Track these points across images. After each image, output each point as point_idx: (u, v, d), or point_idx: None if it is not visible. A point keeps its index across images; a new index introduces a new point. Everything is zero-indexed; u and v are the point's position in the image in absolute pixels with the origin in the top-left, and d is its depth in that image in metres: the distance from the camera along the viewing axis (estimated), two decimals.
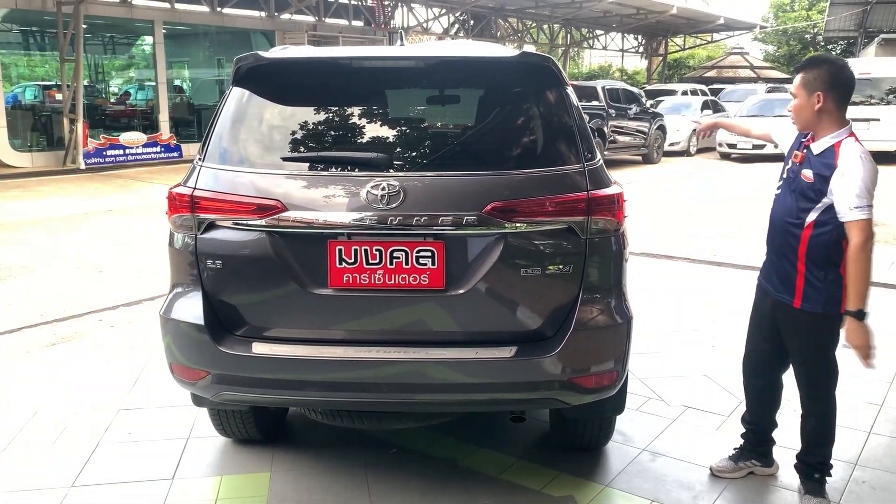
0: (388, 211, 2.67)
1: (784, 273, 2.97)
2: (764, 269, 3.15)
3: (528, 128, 2.87)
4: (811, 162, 2.88)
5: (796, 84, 2.87)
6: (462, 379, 2.74)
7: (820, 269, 2.87)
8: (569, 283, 2.76)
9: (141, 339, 5.24)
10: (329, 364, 2.75)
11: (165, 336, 2.95)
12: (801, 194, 2.89)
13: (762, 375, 3.25)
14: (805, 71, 2.86)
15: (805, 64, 2.90)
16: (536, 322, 2.78)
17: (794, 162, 2.97)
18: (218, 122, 2.93)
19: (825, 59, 2.89)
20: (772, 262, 3.07)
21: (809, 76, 2.84)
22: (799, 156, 2.94)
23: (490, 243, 2.71)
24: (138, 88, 21.39)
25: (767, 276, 3.11)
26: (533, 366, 2.72)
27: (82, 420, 3.96)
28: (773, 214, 3.06)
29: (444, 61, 2.94)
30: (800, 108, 2.88)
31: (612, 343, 2.83)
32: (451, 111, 2.99)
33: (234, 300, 2.85)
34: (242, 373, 2.80)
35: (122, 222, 10.22)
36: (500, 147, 2.86)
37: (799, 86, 2.86)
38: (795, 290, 2.93)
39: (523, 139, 2.88)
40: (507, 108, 2.91)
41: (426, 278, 2.71)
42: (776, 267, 3.02)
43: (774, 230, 3.01)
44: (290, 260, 2.76)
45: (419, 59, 2.93)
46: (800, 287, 2.91)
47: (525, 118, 2.88)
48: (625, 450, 3.63)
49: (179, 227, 2.89)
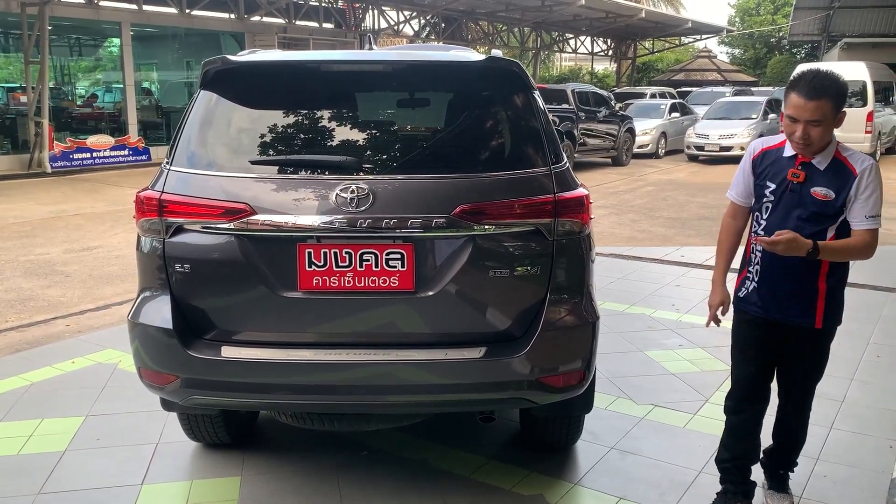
0: (358, 214, 2.69)
1: (802, 297, 2.83)
2: (764, 300, 2.89)
3: (496, 131, 2.91)
4: (820, 178, 2.73)
5: (825, 112, 2.62)
6: (432, 380, 2.76)
7: (838, 282, 2.84)
8: (536, 284, 2.80)
9: (109, 343, 5.19)
10: (299, 367, 2.76)
11: (134, 340, 2.93)
12: (815, 214, 2.74)
13: (757, 403, 3.06)
14: (829, 98, 2.63)
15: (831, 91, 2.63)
16: (505, 323, 2.82)
17: (795, 182, 2.76)
18: (186, 126, 2.93)
19: (833, 77, 2.67)
20: (782, 290, 2.85)
21: (837, 101, 2.65)
22: (800, 175, 2.75)
23: (459, 245, 2.75)
24: (106, 91, 21.10)
25: (776, 305, 2.87)
26: (501, 366, 2.75)
27: (49, 426, 3.92)
28: None
29: (413, 65, 2.97)
30: (826, 131, 2.68)
31: (578, 343, 2.87)
32: (421, 114, 3.03)
33: (203, 304, 2.84)
34: (211, 377, 2.79)
35: (90, 226, 10.09)
36: (469, 150, 2.89)
37: (828, 112, 2.63)
38: (816, 312, 2.83)
39: (491, 142, 2.92)
40: (475, 111, 2.95)
41: (396, 280, 2.74)
42: (790, 293, 2.84)
43: (783, 258, 2.75)
44: (259, 263, 2.77)
45: (388, 62, 2.96)
46: (821, 307, 2.82)
47: (493, 122, 2.92)
48: (594, 448, 3.68)
49: (147, 231, 2.88)
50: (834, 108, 2.66)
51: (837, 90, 2.65)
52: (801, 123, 2.67)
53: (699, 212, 11.18)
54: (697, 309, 5.94)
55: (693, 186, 14.25)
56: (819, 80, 2.65)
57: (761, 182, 2.88)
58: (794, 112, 2.68)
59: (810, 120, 2.65)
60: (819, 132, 2.67)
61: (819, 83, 2.65)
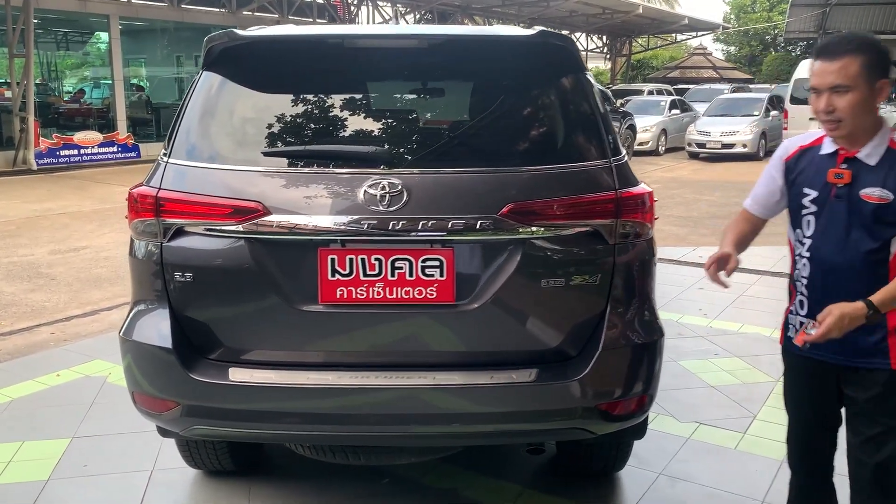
0: (389, 214, 2.30)
1: (869, 332, 2.13)
2: None
3: (548, 118, 2.53)
4: (871, 176, 2.11)
5: (852, 74, 2.03)
6: (475, 408, 2.38)
7: None
8: (595, 296, 2.43)
9: (97, 353, 4.77)
10: (320, 393, 2.37)
11: (126, 360, 2.54)
12: (871, 225, 2.11)
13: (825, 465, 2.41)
14: (858, 54, 2.03)
15: (855, 45, 2.05)
16: (558, 340, 2.44)
17: (839, 185, 2.14)
18: (186, 113, 2.53)
19: (862, 34, 2.11)
20: None
21: (869, 59, 2.04)
22: (845, 175, 2.13)
23: (506, 250, 2.36)
24: (93, 86, 20.61)
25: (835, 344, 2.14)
26: (556, 391, 2.37)
27: (31, 450, 3.51)
28: (826, 261, 2.18)
29: (452, 40, 2.56)
30: (860, 104, 2.05)
31: (642, 363, 2.50)
32: (461, 98, 2.62)
33: (207, 319, 2.45)
34: (217, 404, 2.40)
35: (77, 226, 9.64)
36: (517, 140, 2.51)
37: (857, 74, 2.03)
38: (889, 348, 2.14)
39: (542, 131, 2.54)
40: (523, 94, 2.56)
41: (433, 291, 2.35)
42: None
43: (839, 280, 2.15)
44: (274, 271, 2.38)
45: (422, 37, 2.55)
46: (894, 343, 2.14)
47: (544, 107, 2.54)
48: (640, 474, 3.30)
49: (142, 234, 2.49)
50: (867, 70, 2.03)
51: (870, 46, 2.05)
52: (825, 94, 2.06)
53: (709, 210, 10.85)
54: (727, 314, 5.60)
55: (699, 184, 13.92)
56: (843, 37, 2.08)
57: (797, 189, 2.24)
58: (817, 80, 2.08)
59: (834, 86, 2.04)
60: (848, 103, 2.04)
61: (843, 39, 2.07)
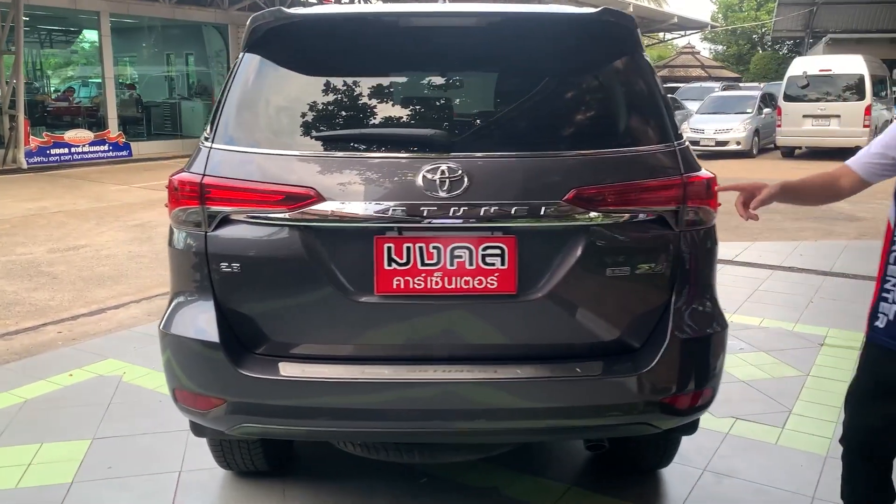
0: (449, 200, 2.20)
1: None
2: None
3: (611, 100, 2.43)
4: None
5: None
6: (538, 402, 2.28)
7: None
8: (660, 285, 2.34)
9: (109, 352, 4.64)
10: (375, 387, 2.27)
11: (167, 356, 2.42)
12: None
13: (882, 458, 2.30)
14: None
15: None
16: (622, 332, 2.35)
17: None
18: (229, 96, 2.41)
19: None
20: None
21: None
22: None
23: (571, 238, 2.27)
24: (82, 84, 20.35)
25: None
26: (622, 385, 2.28)
27: (50, 452, 3.37)
28: None
29: (512, 18, 2.46)
30: None
31: (708, 355, 2.41)
32: (520, 79, 2.51)
33: (255, 311, 2.34)
34: (268, 400, 2.29)
35: (74, 224, 9.46)
36: (580, 123, 2.42)
37: None
38: None
39: (606, 113, 2.45)
40: (584, 75, 2.47)
41: (494, 281, 2.25)
42: None
43: None
44: (327, 261, 2.27)
45: (481, 15, 2.45)
46: None
47: (606, 88, 2.44)
48: (684, 471, 3.22)
49: (183, 224, 2.37)
50: None
51: None
52: None
53: None
54: (745, 309, 5.55)
55: None
56: None
57: None
58: None
59: None
60: None
61: None
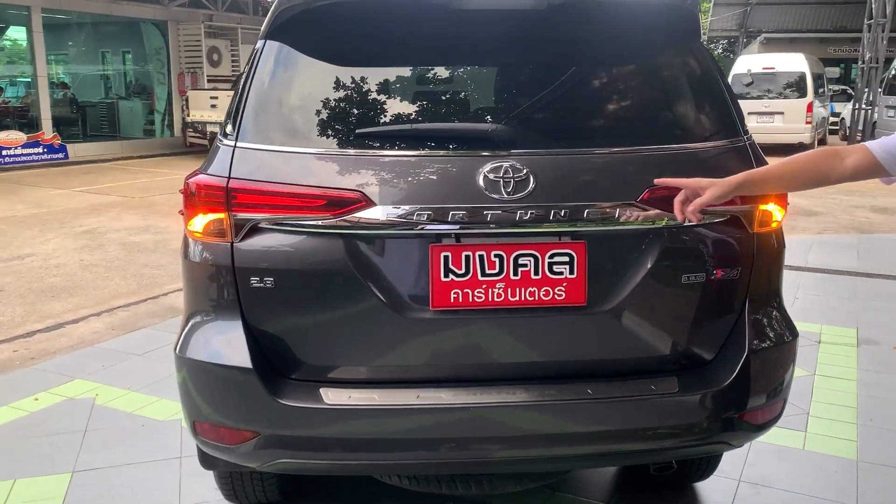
0: (513, 202, 1.98)
1: None
2: None
3: (680, 91, 2.25)
4: None
5: None
6: (614, 425, 2.07)
7: None
8: (736, 291, 2.17)
9: (75, 372, 4.25)
10: (432, 413, 2.03)
11: (185, 383, 2.13)
12: None
13: None
14: None
15: None
16: (698, 344, 2.17)
17: None
18: (252, 89, 2.14)
19: None
20: None
21: None
22: None
23: (644, 242, 2.08)
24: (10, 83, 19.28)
25: None
26: (701, 402, 2.10)
27: (26, 490, 3.01)
28: None
29: (574, 2, 2.24)
30: None
31: (783, 366, 2.25)
32: (585, 68, 2.29)
33: (291, 332, 2.08)
34: (309, 432, 2.03)
35: (15, 232, 8.85)
36: (651, 116, 2.23)
37: None
38: None
39: (677, 106, 2.26)
40: (652, 63, 2.27)
41: (562, 292, 2.04)
42: None
43: None
44: (375, 273, 2.02)
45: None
46: None
47: (674, 79, 2.25)
48: (719, 482, 3.08)
49: (206, 234, 2.08)
50: None
51: None
52: None
53: None
54: None
55: None
56: None
57: None
58: None
59: None
60: None
61: None
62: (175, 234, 8.49)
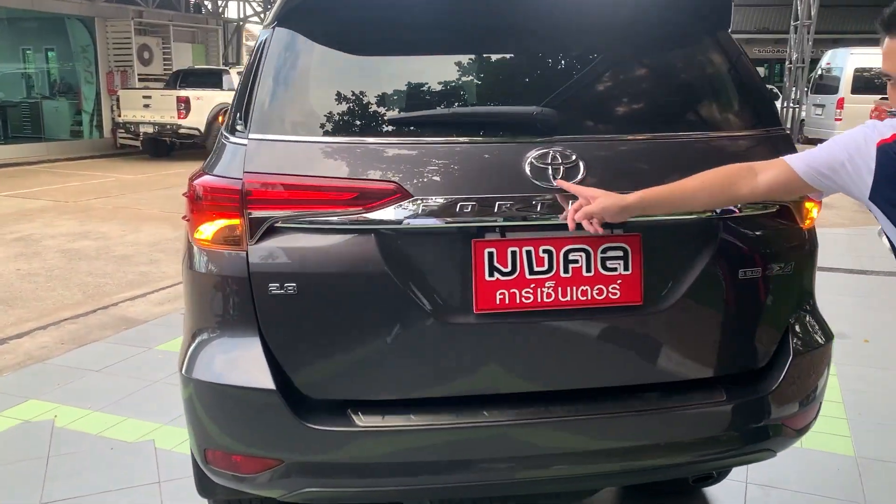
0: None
1: None
2: None
3: (722, 77, 2.14)
4: None
5: None
6: (667, 437, 1.96)
7: None
8: (787, 290, 2.06)
9: (27, 392, 3.91)
10: (478, 432, 1.87)
11: (194, 407, 1.92)
12: None
13: None
14: None
15: None
16: (750, 347, 2.05)
17: None
18: (262, 76, 1.93)
19: None
20: None
21: None
22: None
23: (700, 233, 1.95)
24: None
25: None
26: (752, 408, 2.00)
27: None
28: None
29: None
30: None
31: (822, 368, 2.18)
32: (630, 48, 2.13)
33: (315, 346, 1.87)
34: (340, 457, 1.84)
35: None
36: (697, 101, 2.12)
37: None
38: None
39: (721, 91, 2.15)
40: (693, 51, 2.16)
41: (616, 290, 1.88)
42: None
43: None
44: (411, 274, 1.84)
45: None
46: None
47: (716, 64, 2.14)
48: (728, 486, 3.01)
49: (214, 241, 1.87)
50: None
51: None
52: None
53: None
54: None
55: None
56: None
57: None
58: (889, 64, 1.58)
59: None
60: None
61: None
62: (116, 240, 8.07)
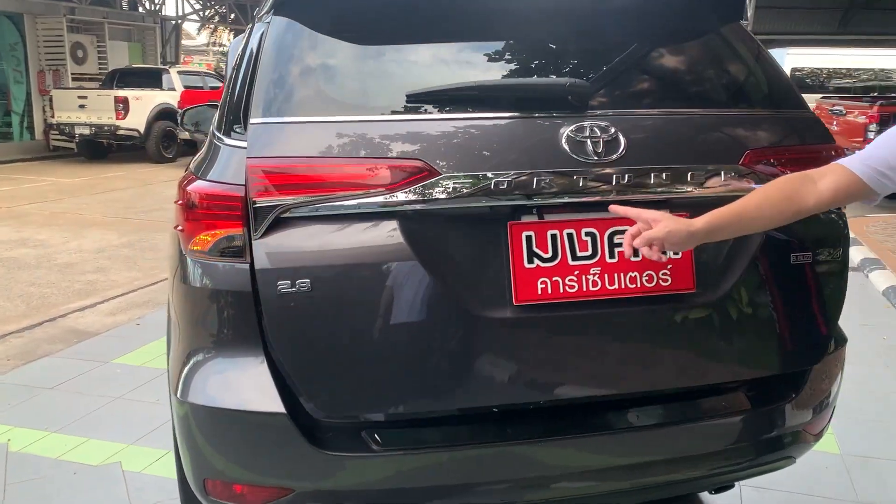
0: (608, 164, 1.69)
1: None
2: None
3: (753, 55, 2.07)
4: None
5: None
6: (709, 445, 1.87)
7: None
8: (834, 277, 1.94)
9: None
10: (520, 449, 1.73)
11: (191, 434, 1.75)
12: None
13: None
14: None
15: None
16: (794, 341, 1.94)
17: None
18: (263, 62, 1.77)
19: None
20: None
21: None
22: None
23: None
24: None
25: None
26: (775, 417, 1.93)
27: None
28: None
29: None
30: None
31: (838, 371, 2.13)
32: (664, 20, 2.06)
33: (329, 356, 1.67)
34: (358, 485, 1.70)
35: None
36: (738, 76, 2.04)
37: None
38: None
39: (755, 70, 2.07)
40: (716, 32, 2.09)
41: (667, 276, 1.74)
42: None
43: None
44: (441, 262, 1.66)
45: None
46: None
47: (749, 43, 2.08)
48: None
49: (213, 251, 1.70)
50: None
51: None
52: None
53: None
54: None
55: None
56: None
57: None
58: None
59: None
60: None
61: None
62: (58, 247, 7.67)
